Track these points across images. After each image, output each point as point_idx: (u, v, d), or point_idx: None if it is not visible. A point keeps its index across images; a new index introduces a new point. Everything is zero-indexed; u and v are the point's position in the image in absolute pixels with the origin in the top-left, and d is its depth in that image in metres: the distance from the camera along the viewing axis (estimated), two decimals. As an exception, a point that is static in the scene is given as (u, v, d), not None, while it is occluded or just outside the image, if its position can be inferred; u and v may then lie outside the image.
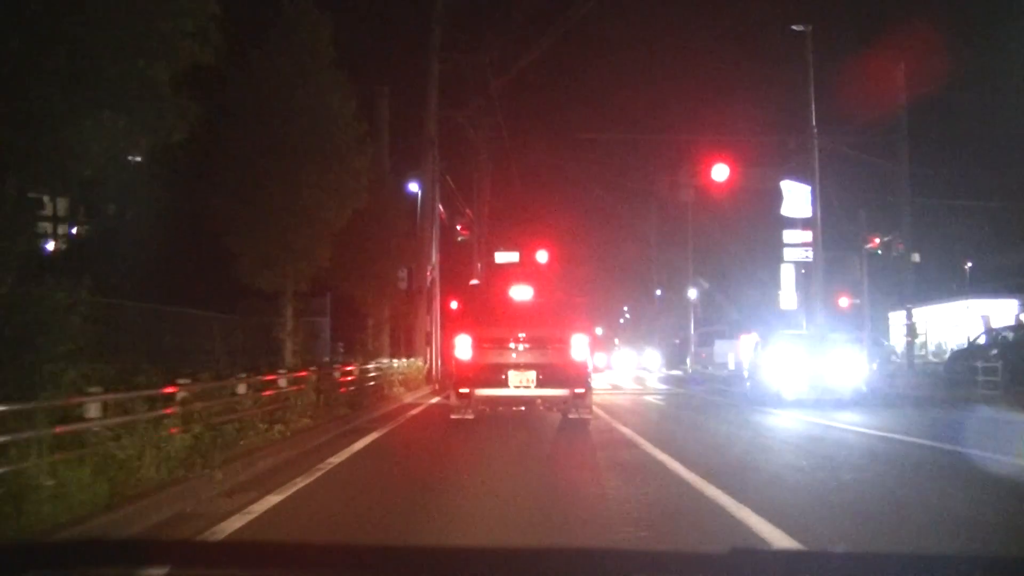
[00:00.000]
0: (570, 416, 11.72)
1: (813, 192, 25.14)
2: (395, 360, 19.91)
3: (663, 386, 28.14)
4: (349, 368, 15.46)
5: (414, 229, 23.73)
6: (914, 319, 26.07)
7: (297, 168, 10.82)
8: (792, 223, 46.74)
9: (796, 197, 46.80)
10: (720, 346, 61.77)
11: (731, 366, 50.78)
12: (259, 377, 9.81)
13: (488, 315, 11.68)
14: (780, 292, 48.90)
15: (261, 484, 6.84)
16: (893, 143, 25.55)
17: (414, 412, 15.12)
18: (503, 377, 11.30)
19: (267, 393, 9.78)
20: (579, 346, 11.41)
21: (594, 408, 12.12)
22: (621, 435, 11.05)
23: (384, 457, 9.25)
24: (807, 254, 46.07)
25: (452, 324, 11.87)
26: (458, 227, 30.95)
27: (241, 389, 8.98)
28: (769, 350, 18.04)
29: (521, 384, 11.31)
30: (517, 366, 11.34)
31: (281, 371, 10.92)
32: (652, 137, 25.15)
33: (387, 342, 19.57)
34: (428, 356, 22.60)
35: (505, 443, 10.40)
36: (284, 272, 11.82)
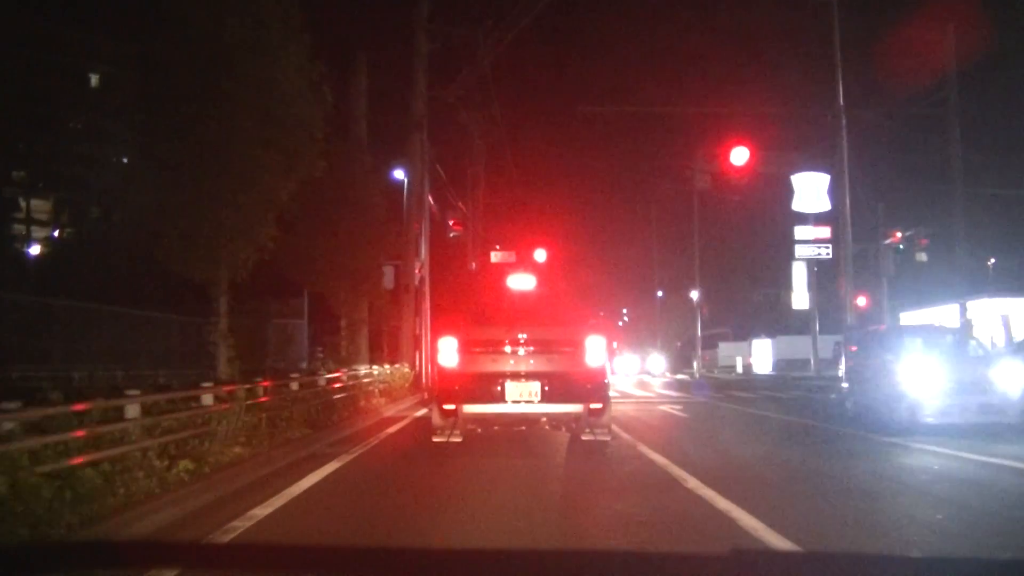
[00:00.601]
0: (583, 438, 9.19)
1: (835, 178, 22.47)
2: (375, 366, 17.36)
3: (673, 392, 25.57)
4: (324, 377, 12.91)
5: (399, 222, 21.22)
6: (969, 316, 23.33)
7: (229, 117, 8.26)
8: (804, 219, 44.58)
9: (809, 191, 44.61)
10: (725, 349, 59.52)
11: (739, 369, 48.58)
12: (164, 394, 7.26)
13: (480, 311, 9.15)
14: (792, 292, 46.66)
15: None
16: (925, 124, 23.16)
17: (392, 429, 12.55)
18: (498, 389, 8.78)
19: (174, 415, 7.20)
20: (595, 350, 8.90)
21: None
22: (658, 468, 8.48)
23: (334, 503, 6.71)
24: (821, 251, 43.87)
25: (437, 323, 9.27)
26: (450, 222, 28.42)
27: (131, 412, 6.42)
28: (888, 354, 12.89)
29: (522, 398, 8.79)
30: (517, 375, 8.83)
31: (207, 384, 8.37)
32: (664, 111, 22.65)
33: (365, 346, 17.01)
34: (416, 362, 20.08)
35: (499, 478, 7.85)
36: (215, 256, 9.24)
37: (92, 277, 26.32)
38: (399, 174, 23.88)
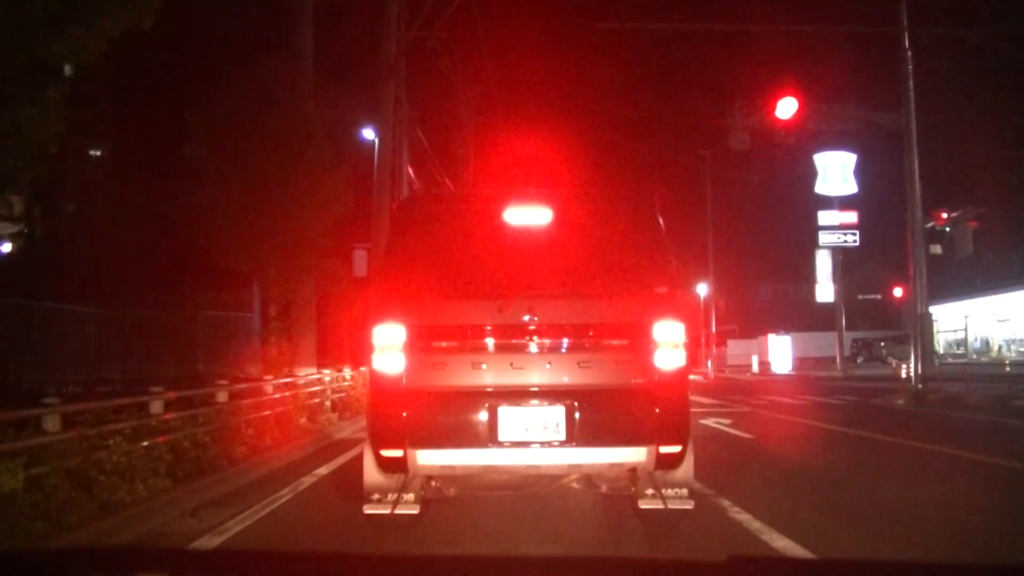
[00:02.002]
0: (642, 506, 4.98)
1: (909, 111, 18.06)
2: (327, 371, 13.11)
3: (703, 398, 21.27)
4: (227, 390, 8.68)
5: (367, 194, 16.98)
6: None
7: None
8: (828, 203, 40.47)
9: (834, 171, 40.50)
10: (734, 347, 55.30)
11: (755, 368, 44.51)
12: None
13: (449, 273, 4.88)
14: (816, 284, 42.50)
15: None
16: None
17: (325, 470, 8.21)
18: (484, 421, 4.60)
19: None
20: (669, 344, 4.69)
21: None
22: None
23: None
24: (847, 238, 39.72)
25: (373, 297, 4.92)
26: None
27: None
28: None
29: (530, 437, 4.60)
30: (521, 394, 4.65)
31: None
32: (695, 28, 18.38)
33: (312, 343, 12.73)
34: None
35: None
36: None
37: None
38: (369, 134, 19.63)
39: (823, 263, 41.04)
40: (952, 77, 29.01)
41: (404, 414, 4.63)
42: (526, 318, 4.67)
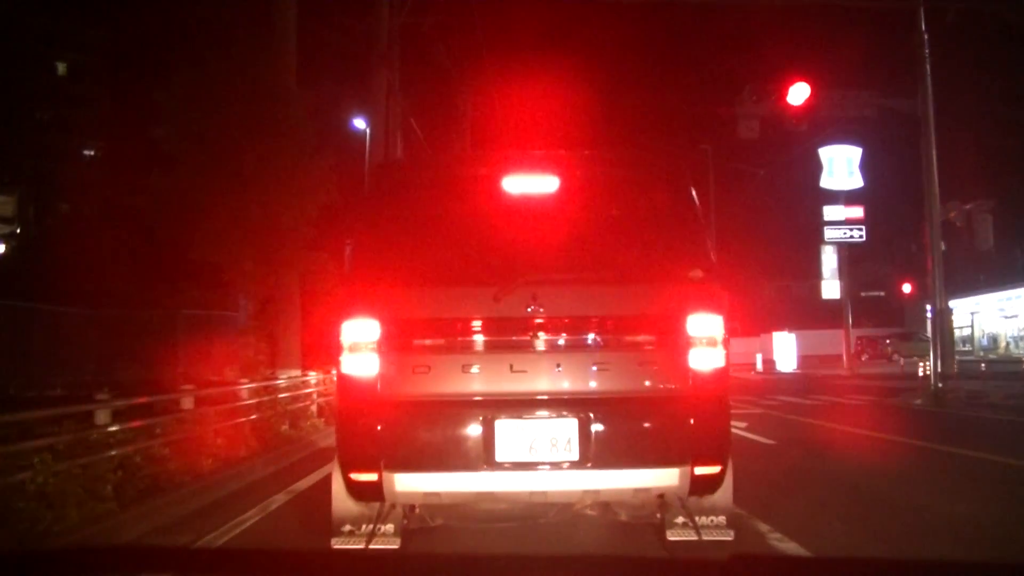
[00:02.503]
0: (670, 538, 4.10)
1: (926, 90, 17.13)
2: (313, 372, 12.20)
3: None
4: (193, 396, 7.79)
5: (354, 181, 16.12)
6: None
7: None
8: (834, 197, 39.59)
9: (839, 165, 39.63)
10: (736, 345, 54.26)
11: (759, 367, 43.67)
12: None
13: (434, 255, 3.98)
14: (822, 280, 41.59)
15: None
16: None
17: (291, 494, 7.26)
18: (477, 437, 3.72)
19: None
20: (705, 341, 3.81)
21: None
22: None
23: None
24: (853, 233, 38.85)
25: (343, 286, 4.01)
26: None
27: None
28: None
29: (535, 456, 3.73)
30: (523, 404, 3.76)
31: None
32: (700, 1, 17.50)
33: (296, 342, 11.79)
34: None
35: None
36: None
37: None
38: (360, 123, 18.79)
39: (828, 259, 40.11)
40: (961, 64, 28.20)
41: (379, 428, 3.75)
42: (529, 309, 3.78)
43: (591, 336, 3.82)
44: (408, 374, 3.77)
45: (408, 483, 3.74)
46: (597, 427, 3.71)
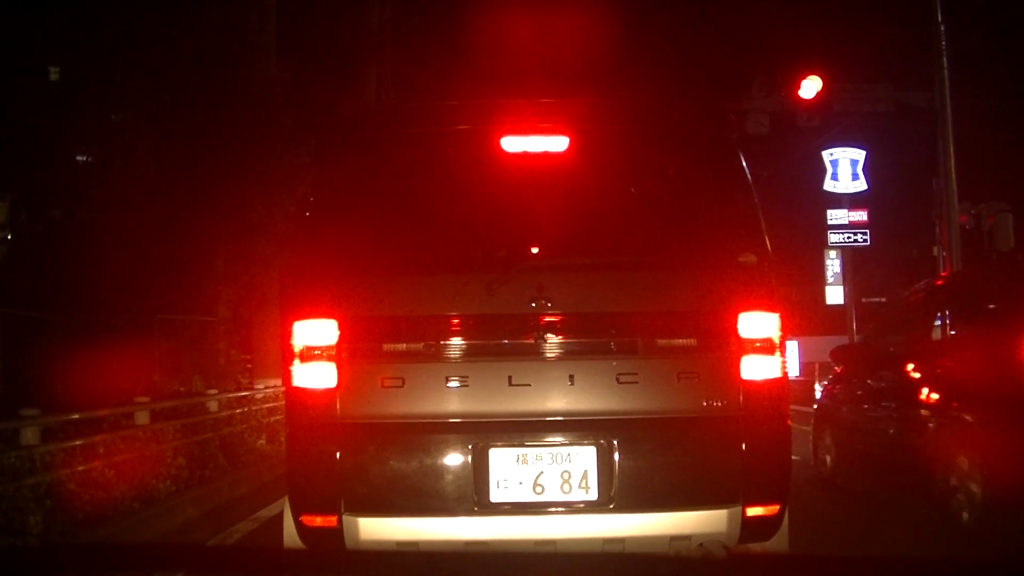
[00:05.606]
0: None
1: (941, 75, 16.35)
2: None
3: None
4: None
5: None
6: None
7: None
8: (838, 201, 38.90)
9: (843, 168, 38.95)
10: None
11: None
12: None
13: (411, 233, 3.11)
14: (826, 285, 40.84)
15: None
16: None
17: (256, 522, 6.24)
18: (465, 470, 2.85)
19: None
20: (761, 346, 2.94)
21: None
22: None
23: None
24: (857, 237, 38.14)
25: (293, 274, 3.14)
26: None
27: None
28: None
29: (541, 496, 2.84)
30: (521, 426, 2.89)
31: None
32: None
33: (273, 347, 10.90)
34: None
35: None
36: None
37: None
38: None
39: (832, 263, 39.42)
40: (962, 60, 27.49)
41: (337, 458, 2.88)
42: (533, 304, 2.90)
43: (613, 338, 2.95)
44: (376, 389, 2.91)
45: (375, 530, 2.87)
46: (622, 457, 2.84)
